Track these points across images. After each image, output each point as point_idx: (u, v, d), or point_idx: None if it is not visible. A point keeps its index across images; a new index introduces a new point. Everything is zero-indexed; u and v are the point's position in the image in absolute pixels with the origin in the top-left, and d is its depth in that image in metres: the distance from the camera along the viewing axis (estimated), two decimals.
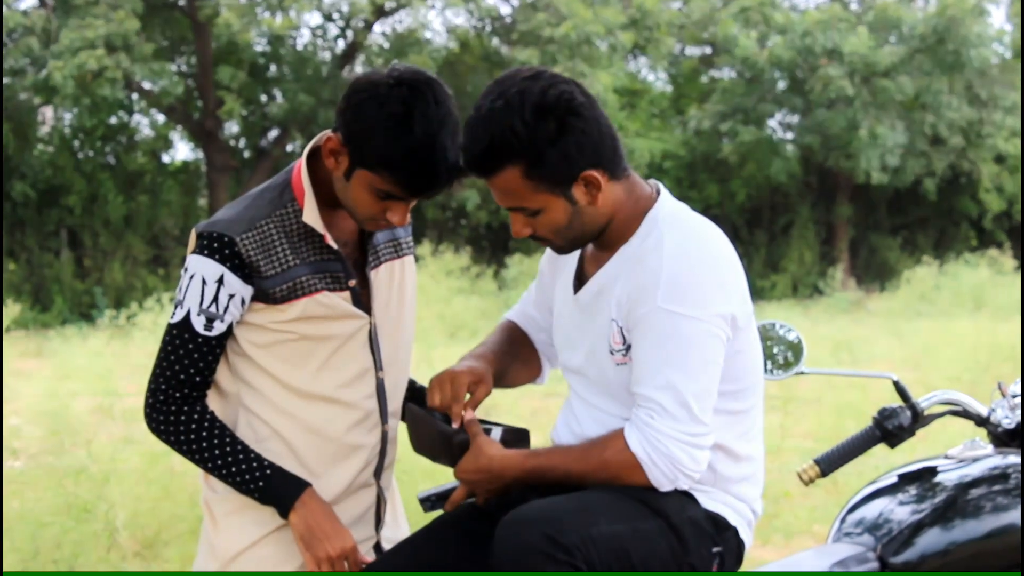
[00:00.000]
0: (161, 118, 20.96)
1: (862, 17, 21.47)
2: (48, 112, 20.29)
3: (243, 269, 2.48)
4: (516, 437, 2.47)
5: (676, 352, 2.30)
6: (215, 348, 2.51)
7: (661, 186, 2.48)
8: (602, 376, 2.44)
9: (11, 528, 5.44)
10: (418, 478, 5.38)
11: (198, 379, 2.52)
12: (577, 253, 2.54)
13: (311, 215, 2.52)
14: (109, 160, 20.55)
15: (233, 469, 2.51)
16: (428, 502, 2.55)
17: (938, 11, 20.37)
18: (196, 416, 2.52)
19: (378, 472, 2.67)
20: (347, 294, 2.57)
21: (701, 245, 2.36)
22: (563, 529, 2.21)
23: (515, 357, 2.68)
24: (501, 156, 2.31)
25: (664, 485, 2.34)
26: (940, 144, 21.57)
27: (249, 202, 2.55)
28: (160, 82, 18.58)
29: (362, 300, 2.59)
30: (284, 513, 2.52)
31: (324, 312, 2.54)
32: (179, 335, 2.50)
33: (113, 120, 20.28)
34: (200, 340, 2.49)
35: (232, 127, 21.06)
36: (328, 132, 2.51)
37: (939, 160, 21.49)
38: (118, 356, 11.26)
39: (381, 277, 2.64)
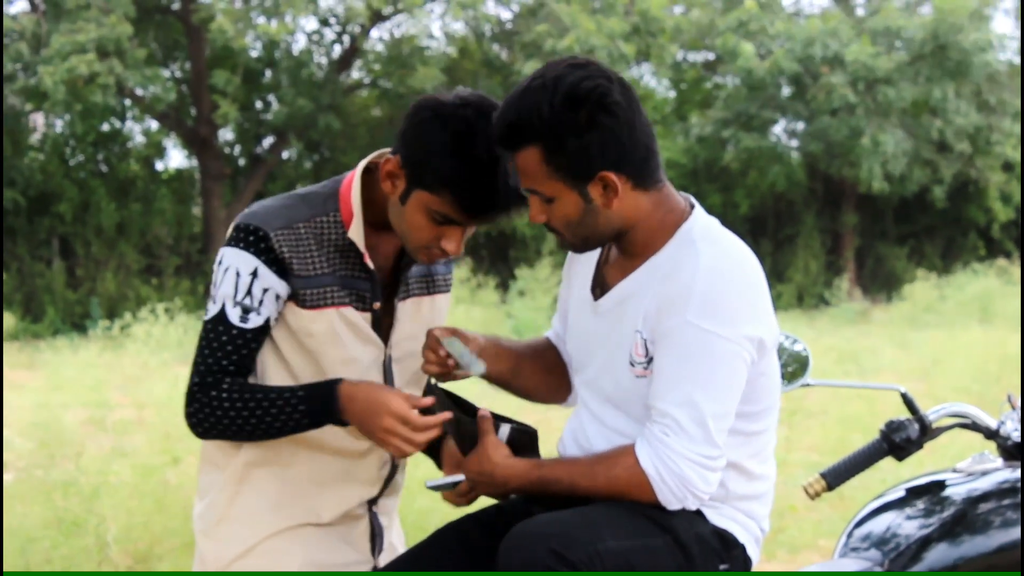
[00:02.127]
0: (154, 125, 20.92)
1: (863, 24, 21.41)
2: (39, 118, 20.23)
3: (278, 264, 2.44)
4: (525, 437, 2.42)
5: (700, 369, 2.25)
6: (251, 342, 2.46)
7: (694, 200, 2.43)
8: (617, 388, 2.38)
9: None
10: (416, 493, 5.33)
11: (232, 369, 2.46)
12: (595, 258, 2.49)
13: (356, 232, 2.48)
14: (101, 167, 20.51)
15: (274, 411, 2.42)
16: (435, 489, 2.49)
17: (936, 18, 20.34)
18: (225, 387, 2.45)
19: (377, 499, 2.64)
20: (368, 316, 2.53)
21: (736, 265, 2.32)
22: (570, 545, 2.18)
23: (536, 359, 2.60)
24: (523, 134, 2.28)
25: (672, 504, 2.30)
26: (947, 151, 21.50)
27: (290, 202, 2.52)
28: (153, 88, 18.53)
29: (382, 327, 2.55)
30: (341, 420, 2.43)
31: (349, 329, 2.50)
32: (214, 328, 2.46)
33: (105, 127, 20.24)
34: (235, 332, 2.45)
35: (227, 134, 21.03)
36: (387, 152, 2.47)
37: (946, 168, 21.44)
38: (110, 367, 11.21)
39: (407, 310, 2.60)
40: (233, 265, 2.45)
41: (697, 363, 2.25)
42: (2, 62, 17.43)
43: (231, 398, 2.43)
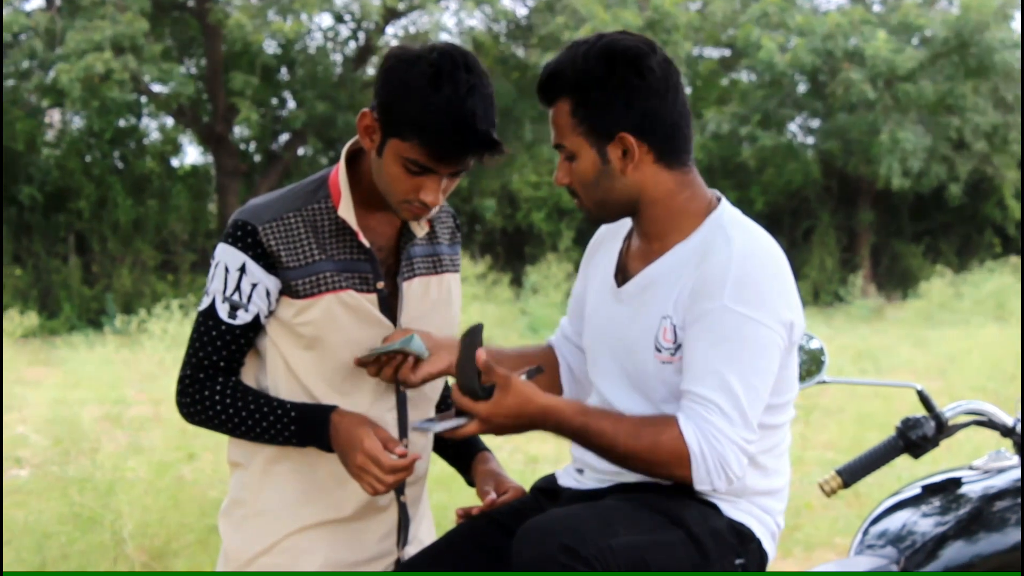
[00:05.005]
0: (170, 121, 20.96)
1: (884, 20, 21.33)
2: (56, 115, 20.29)
3: (266, 258, 2.46)
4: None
5: (737, 354, 2.25)
6: (239, 337, 2.49)
7: (721, 194, 2.44)
8: (639, 372, 2.37)
9: (16, 539, 5.41)
10: (432, 489, 5.33)
11: (222, 364, 2.50)
12: (617, 248, 2.49)
13: (346, 209, 2.49)
14: (117, 164, 20.56)
15: (265, 424, 2.48)
16: (427, 431, 2.37)
17: (960, 15, 20.25)
18: (219, 387, 2.50)
19: (401, 487, 2.60)
20: (374, 297, 2.51)
21: (766, 251, 2.33)
22: (582, 540, 2.17)
23: (532, 361, 2.56)
24: (554, 86, 2.34)
25: (702, 483, 2.27)
26: (964, 148, 21.41)
27: (282, 194, 2.54)
28: (169, 84, 18.56)
29: (390, 307, 2.54)
30: (328, 447, 2.47)
31: (348, 313, 2.49)
32: (205, 322, 2.50)
33: (121, 123, 20.28)
34: (224, 328, 2.48)
35: (242, 130, 21.05)
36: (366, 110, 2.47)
37: (962, 165, 21.36)
38: (127, 364, 11.24)
39: (414, 289, 2.58)
40: (223, 261, 2.48)
41: (734, 348, 2.25)
42: (1, 60, 17.49)
43: (223, 402, 2.48)
